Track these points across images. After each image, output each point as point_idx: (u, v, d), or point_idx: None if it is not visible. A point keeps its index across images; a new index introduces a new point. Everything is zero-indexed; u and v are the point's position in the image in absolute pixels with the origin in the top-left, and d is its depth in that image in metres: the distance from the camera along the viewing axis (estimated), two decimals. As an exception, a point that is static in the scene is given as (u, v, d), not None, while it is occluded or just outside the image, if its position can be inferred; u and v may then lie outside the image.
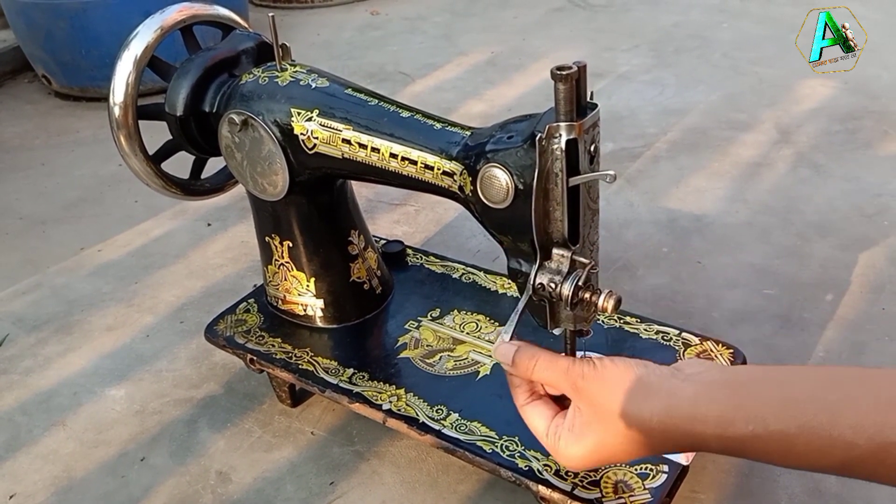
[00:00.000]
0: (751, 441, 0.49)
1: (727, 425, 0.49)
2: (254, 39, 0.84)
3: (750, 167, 1.36)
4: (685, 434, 0.51)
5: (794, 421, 0.47)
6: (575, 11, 2.24)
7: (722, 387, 0.51)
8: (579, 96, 0.56)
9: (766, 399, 0.49)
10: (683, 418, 0.51)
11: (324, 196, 0.83)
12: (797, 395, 0.48)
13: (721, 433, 0.49)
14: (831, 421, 0.46)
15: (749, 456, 0.50)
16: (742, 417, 0.49)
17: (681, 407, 0.51)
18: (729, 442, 0.50)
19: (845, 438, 0.45)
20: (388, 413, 0.77)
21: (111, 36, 1.70)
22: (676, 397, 0.52)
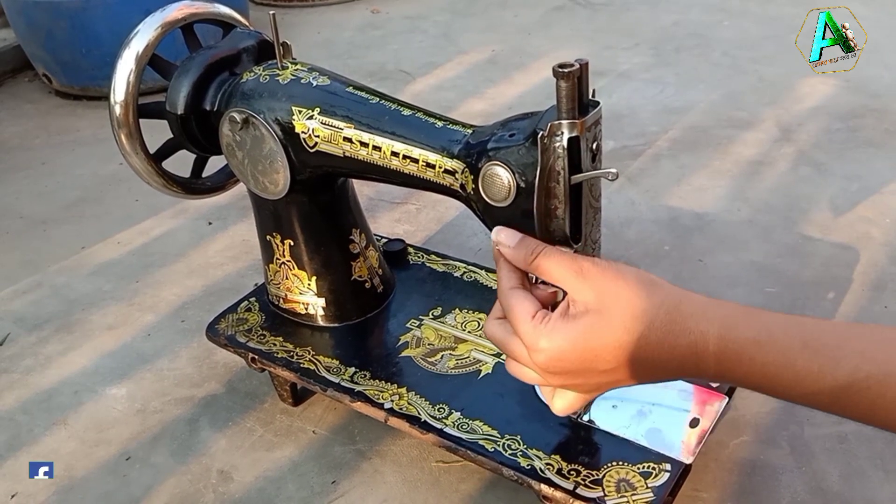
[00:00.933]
0: (752, 348, 0.46)
1: (732, 327, 0.47)
2: (254, 38, 0.84)
3: (751, 165, 1.36)
4: (685, 331, 0.48)
5: (799, 335, 0.46)
6: (575, 10, 2.24)
7: (733, 303, 0.50)
8: (581, 94, 0.56)
9: (775, 316, 0.48)
10: (690, 314, 0.48)
11: (325, 194, 0.83)
12: (805, 321, 0.47)
13: (724, 334, 0.47)
14: (837, 343, 0.44)
15: (744, 369, 0.47)
16: (747, 323, 0.47)
17: (691, 302, 0.49)
18: (729, 346, 0.47)
19: (850, 361, 0.43)
20: (389, 412, 0.77)
21: (112, 35, 1.71)
22: (688, 296, 0.50)
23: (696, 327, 0.48)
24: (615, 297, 0.50)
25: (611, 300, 0.50)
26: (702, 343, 0.48)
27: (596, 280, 0.51)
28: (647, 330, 0.49)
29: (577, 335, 0.50)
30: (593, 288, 0.51)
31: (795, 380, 0.45)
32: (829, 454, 0.81)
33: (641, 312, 0.49)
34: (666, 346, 0.49)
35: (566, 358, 0.51)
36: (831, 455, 0.81)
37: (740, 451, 0.82)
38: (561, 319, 0.51)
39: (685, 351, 0.48)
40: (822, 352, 0.44)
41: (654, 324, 0.48)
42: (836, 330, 0.46)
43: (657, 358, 0.49)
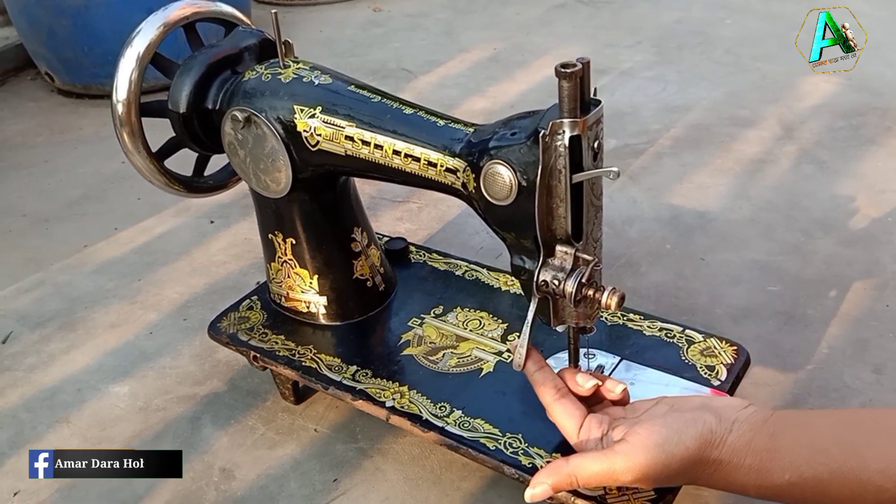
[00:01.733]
0: (788, 489, 0.52)
1: (765, 474, 0.53)
2: (256, 36, 0.84)
3: (753, 164, 1.36)
4: (728, 483, 0.55)
5: (825, 467, 0.51)
6: (577, 8, 2.24)
7: (762, 436, 0.55)
8: (583, 93, 0.56)
9: (798, 446, 0.53)
10: (729, 470, 0.55)
11: (327, 193, 0.83)
12: (825, 442, 0.52)
13: (760, 483, 0.53)
14: (860, 465, 0.49)
15: (786, 500, 0.54)
16: (778, 467, 0.53)
17: (729, 461, 0.55)
18: (767, 490, 0.53)
19: (874, 482, 0.48)
20: (391, 410, 0.77)
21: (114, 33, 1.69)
22: (726, 450, 0.55)
23: (735, 480, 0.55)
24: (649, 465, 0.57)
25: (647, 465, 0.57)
26: (744, 490, 0.56)
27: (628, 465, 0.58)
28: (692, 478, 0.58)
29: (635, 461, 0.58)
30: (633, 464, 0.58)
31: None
32: (830, 452, 0.81)
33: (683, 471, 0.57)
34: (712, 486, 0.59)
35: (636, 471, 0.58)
36: (833, 453, 0.81)
37: (742, 450, 0.82)
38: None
39: (729, 490, 0.58)
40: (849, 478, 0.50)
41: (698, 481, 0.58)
42: (855, 445, 0.52)
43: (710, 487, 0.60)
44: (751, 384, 0.88)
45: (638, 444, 0.57)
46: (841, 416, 0.57)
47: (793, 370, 0.91)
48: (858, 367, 0.90)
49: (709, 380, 0.76)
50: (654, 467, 0.56)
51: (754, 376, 0.89)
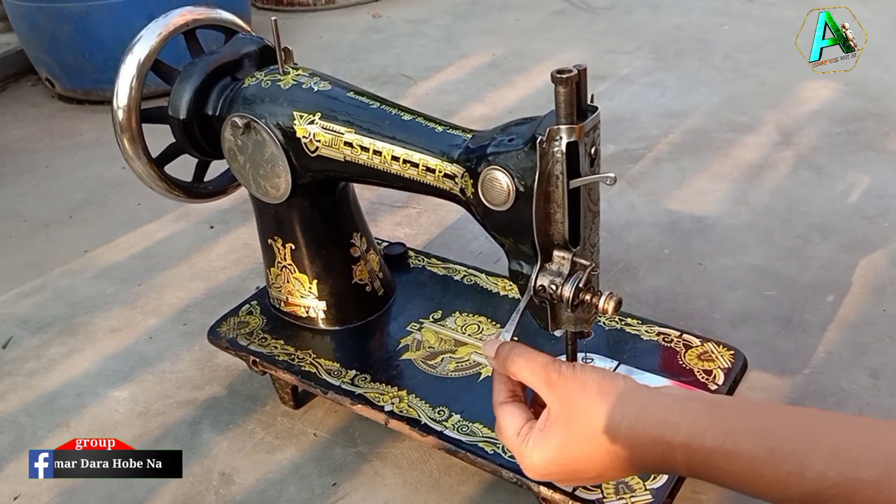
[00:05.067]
0: (719, 456, 0.47)
1: (698, 435, 0.48)
2: (256, 43, 0.85)
3: (751, 169, 1.36)
4: (653, 442, 0.49)
5: (765, 444, 0.46)
6: (576, 14, 2.24)
7: (697, 402, 0.50)
8: (580, 99, 0.56)
9: (741, 419, 0.48)
10: (653, 424, 0.49)
11: (326, 199, 0.84)
12: (772, 422, 0.47)
13: (689, 443, 0.48)
14: (804, 449, 0.45)
15: (714, 475, 0.48)
16: (714, 430, 0.47)
17: (653, 413, 0.50)
18: (696, 455, 0.48)
19: (816, 469, 0.44)
20: (390, 414, 0.77)
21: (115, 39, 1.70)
22: (650, 405, 0.51)
23: (661, 437, 0.49)
24: (579, 411, 0.52)
25: (575, 414, 0.52)
26: (668, 453, 0.49)
27: (561, 391, 0.54)
28: (613, 443, 0.51)
29: (553, 451, 0.53)
30: (559, 399, 0.54)
31: (765, 488, 0.46)
32: (827, 457, 0.81)
33: (604, 428, 0.51)
34: (636, 457, 0.51)
35: (552, 471, 0.54)
36: (830, 458, 0.81)
37: (739, 454, 0.82)
38: (539, 435, 0.54)
39: (655, 460, 0.50)
40: (789, 459, 0.45)
41: (619, 438, 0.50)
42: (803, 431, 0.46)
43: (632, 465, 0.51)
44: (748, 389, 0.88)
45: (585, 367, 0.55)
46: (796, 408, 0.51)
47: (790, 374, 0.91)
48: (856, 372, 0.91)
49: (706, 384, 0.76)
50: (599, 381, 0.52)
51: (752, 381, 0.89)
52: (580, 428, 0.52)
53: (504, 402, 0.58)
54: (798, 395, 0.88)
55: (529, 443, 0.54)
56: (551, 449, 0.53)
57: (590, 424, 0.51)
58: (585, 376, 0.54)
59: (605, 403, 0.51)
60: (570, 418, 0.53)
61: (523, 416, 0.57)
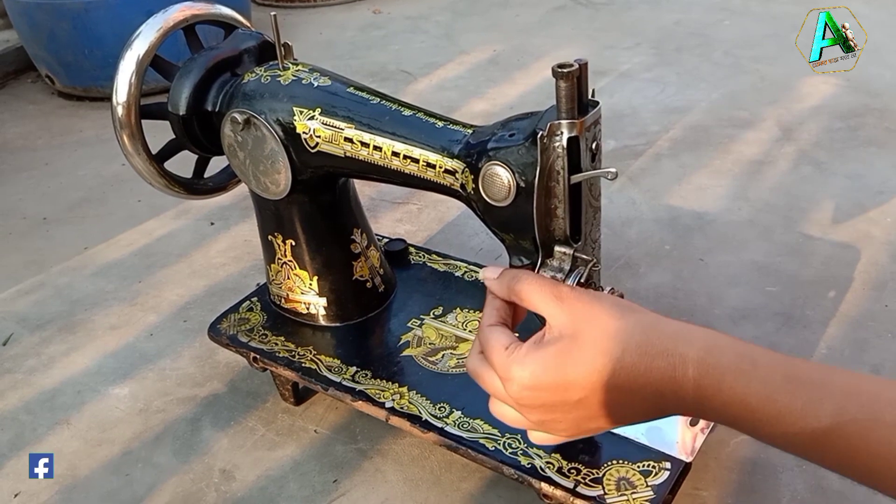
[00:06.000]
0: (733, 376, 0.43)
1: (714, 350, 0.44)
2: (256, 39, 0.84)
3: (752, 165, 1.36)
4: (664, 352, 0.45)
5: (783, 370, 0.43)
6: (577, 10, 2.24)
7: (715, 330, 0.47)
8: (581, 94, 0.56)
9: (759, 348, 0.45)
10: (669, 334, 0.45)
11: (326, 195, 0.83)
12: (791, 358, 0.44)
13: (705, 357, 0.44)
14: (823, 379, 0.42)
15: (723, 400, 0.44)
16: (731, 349, 0.44)
17: (669, 324, 0.46)
18: (709, 371, 0.44)
19: (835, 400, 0.41)
20: (390, 411, 0.77)
21: (114, 36, 1.71)
22: (665, 319, 0.47)
23: (675, 349, 0.45)
24: (590, 320, 0.48)
25: (585, 323, 0.48)
26: (680, 367, 0.45)
27: (572, 304, 0.49)
28: (623, 351, 0.46)
29: (549, 360, 0.47)
30: (569, 312, 0.48)
31: (777, 416, 0.42)
32: (829, 453, 0.81)
33: (616, 332, 0.46)
34: (642, 369, 0.45)
35: (539, 386, 0.48)
36: (831, 453, 0.81)
37: (740, 450, 0.82)
38: (533, 346, 0.49)
39: (662, 374, 0.45)
40: (807, 387, 0.42)
41: (630, 344, 0.46)
42: (821, 367, 0.44)
43: (633, 383, 0.46)
44: (749, 385, 0.88)
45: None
46: None
47: (791, 370, 0.91)
48: (857, 368, 0.91)
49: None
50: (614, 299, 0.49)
51: (753, 377, 0.89)
52: (588, 336, 0.47)
53: (493, 323, 0.53)
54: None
55: (520, 352, 0.48)
56: (543, 361, 0.47)
57: (601, 331, 0.47)
58: (601, 294, 0.50)
59: (621, 312, 0.47)
60: (578, 328, 0.47)
61: (512, 336, 0.51)
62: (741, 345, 0.45)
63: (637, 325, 0.46)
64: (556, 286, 0.50)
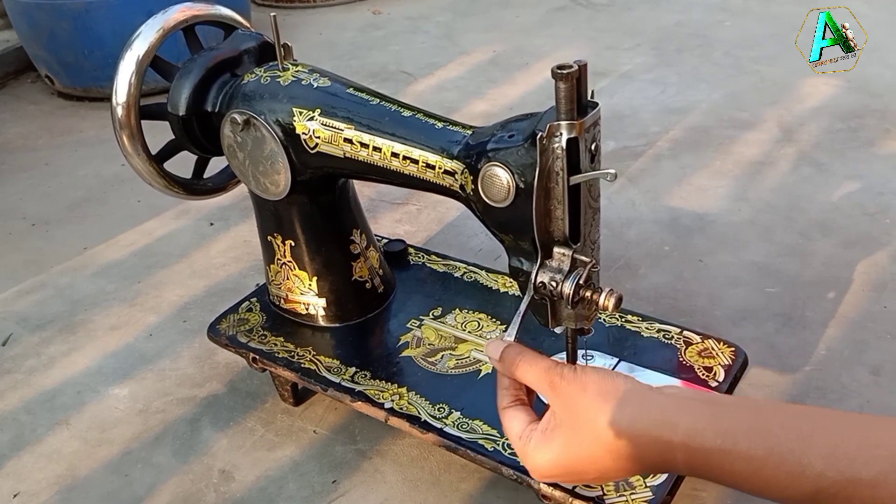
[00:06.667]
0: (718, 456, 0.47)
1: (696, 435, 0.48)
2: (256, 39, 0.84)
3: (752, 166, 1.36)
4: (653, 441, 0.50)
5: (764, 443, 0.46)
6: (577, 10, 2.24)
7: (696, 402, 0.51)
8: (580, 95, 0.56)
9: (739, 419, 0.48)
10: (652, 423, 0.50)
11: (326, 195, 0.83)
12: (771, 421, 0.47)
13: (689, 443, 0.48)
14: (802, 449, 0.45)
15: (714, 475, 0.49)
16: (712, 430, 0.48)
17: (651, 413, 0.51)
18: (696, 455, 0.48)
19: (815, 468, 0.44)
20: (390, 412, 0.77)
21: (114, 36, 1.71)
22: (648, 404, 0.51)
23: (661, 437, 0.49)
24: (580, 413, 0.53)
25: (577, 415, 0.53)
26: (668, 452, 0.49)
27: (563, 394, 0.54)
28: (614, 443, 0.51)
29: (556, 452, 0.54)
30: (562, 402, 0.54)
31: (765, 487, 0.47)
32: (828, 454, 0.81)
33: (605, 428, 0.51)
34: (637, 456, 0.51)
35: (555, 473, 0.56)
36: (831, 455, 0.81)
37: (740, 451, 0.82)
38: (541, 437, 0.55)
39: (655, 459, 0.51)
40: (788, 459, 0.45)
41: (619, 438, 0.51)
42: (801, 430, 0.46)
43: (634, 464, 0.52)
44: (749, 385, 0.88)
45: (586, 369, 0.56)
46: (794, 406, 0.52)
47: (791, 371, 0.91)
48: (856, 369, 0.91)
49: (706, 381, 0.76)
50: (599, 382, 0.53)
51: (752, 378, 0.89)
52: (582, 429, 0.53)
53: (507, 406, 0.59)
54: (799, 392, 0.88)
55: (531, 444, 0.56)
56: (554, 450, 0.54)
57: (591, 425, 0.52)
58: (586, 378, 0.54)
59: (606, 404, 0.52)
60: (573, 420, 0.53)
61: (526, 418, 0.58)
62: (725, 419, 0.49)
63: (622, 417, 0.51)
64: (549, 372, 0.56)
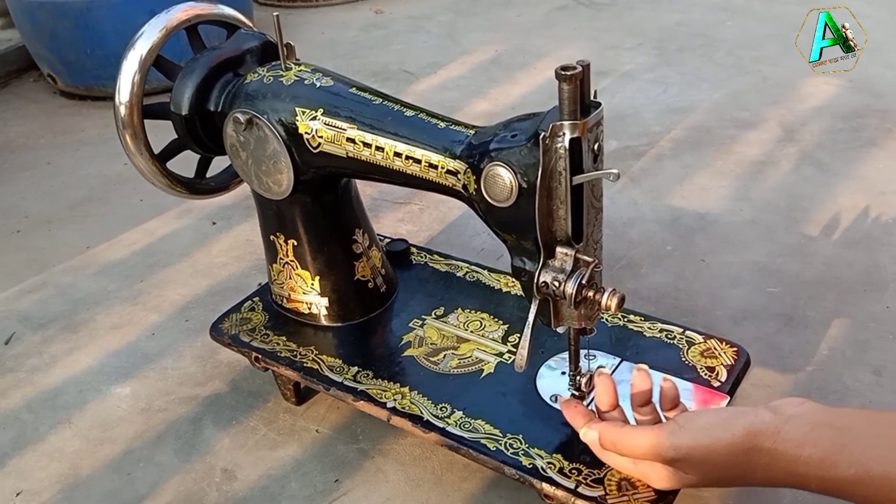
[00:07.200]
0: (852, 484, 0.50)
1: (830, 468, 0.51)
2: (258, 39, 0.85)
3: (754, 165, 1.36)
4: (788, 474, 0.53)
5: (895, 465, 0.49)
6: (578, 10, 2.24)
7: (826, 430, 0.53)
8: (583, 95, 0.56)
9: (869, 443, 0.51)
10: (787, 460, 0.53)
11: (328, 195, 0.83)
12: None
13: (822, 475, 0.51)
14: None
15: (849, 498, 0.51)
16: (845, 461, 0.51)
17: (786, 451, 0.53)
18: (830, 483, 0.51)
19: (854, 454, 0.48)
20: (392, 411, 0.77)
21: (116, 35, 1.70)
22: (781, 440, 0.54)
23: (796, 471, 0.53)
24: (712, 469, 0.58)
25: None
26: (803, 482, 0.53)
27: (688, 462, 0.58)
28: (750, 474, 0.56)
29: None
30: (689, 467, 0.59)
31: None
32: (830, 454, 0.81)
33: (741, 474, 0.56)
34: (770, 481, 0.55)
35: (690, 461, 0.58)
36: (833, 455, 0.81)
37: (742, 451, 0.82)
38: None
39: (788, 484, 0.55)
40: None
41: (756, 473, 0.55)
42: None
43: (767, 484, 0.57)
44: (751, 385, 0.88)
45: (684, 423, 0.58)
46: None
47: (793, 371, 0.91)
48: (858, 369, 0.91)
49: (709, 381, 0.76)
50: (698, 449, 0.56)
51: (754, 378, 0.89)
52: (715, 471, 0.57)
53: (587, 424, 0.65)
54: (801, 392, 0.88)
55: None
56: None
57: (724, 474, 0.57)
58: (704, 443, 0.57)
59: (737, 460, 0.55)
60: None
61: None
62: (854, 450, 0.52)
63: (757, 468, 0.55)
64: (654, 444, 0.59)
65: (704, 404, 0.74)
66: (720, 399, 0.74)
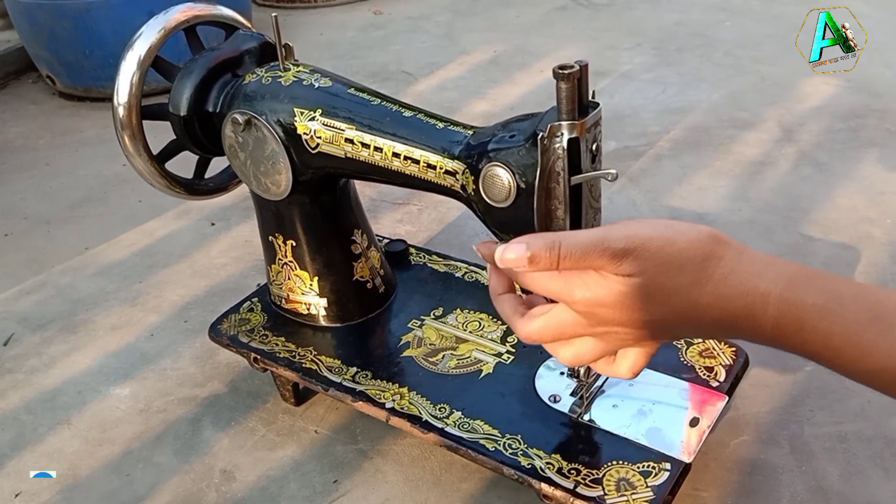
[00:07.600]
0: (816, 315, 0.43)
1: (798, 290, 0.44)
2: (257, 39, 0.85)
3: (752, 165, 1.36)
4: (743, 294, 0.45)
5: (871, 310, 0.42)
6: (577, 10, 2.24)
7: (801, 265, 0.46)
8: (581, 95, 0.56)
9: (844, 283, 0.45)
10: (750, 274, 0.45)
11: (327, 195, 0.83)
12: (879, 292, 0.44)
13: (788, 296, 0.44)
14: None
15: (803, 336, 0.44)
16: (816, 288, 0.44)
17: (750, 267, 0.45)
18: (790, 309, 0.43)
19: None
20: (391, 411, 0.77)
21: (115, 36, 1.71)
22: (745, 257, 0.46)
23: (756, 288, 0.44)
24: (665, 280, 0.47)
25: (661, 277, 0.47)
26: (760, 305, 0.44)
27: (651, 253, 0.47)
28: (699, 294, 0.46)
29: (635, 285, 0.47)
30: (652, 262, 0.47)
31: (860, 355, 0.43)
32: (829, 453, 0.81)
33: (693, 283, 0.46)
34: (716, 310, 0.46)
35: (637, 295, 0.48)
36: (831, 454, 0.81)
37: (740, 451, 0.82)
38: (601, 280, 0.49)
39: (739, 312, 0.45)
40: (893, 328, 0.42)
41: (707, 286, 0.46)
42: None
43: (706, 317, 0.47)
44: (749, 385, 0.88)
45: (639, 220, 0.49)
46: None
47: (791, 371, 0.91)
48: (857, 369, 0.90)
49: (707, 381, 0.76)
50: (655, 240, 0.47)
51: (753, 377, 0.89)
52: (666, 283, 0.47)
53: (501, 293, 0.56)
54: (800, 393, 0.88)
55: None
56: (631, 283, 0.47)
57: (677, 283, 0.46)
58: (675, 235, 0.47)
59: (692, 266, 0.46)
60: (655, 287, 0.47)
61: None
62: (831, 280, 0.44)
63: (716, 270, 0.45)
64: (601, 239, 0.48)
65: (702, 405, 0.74)
66: (718, 399, 0.74)
